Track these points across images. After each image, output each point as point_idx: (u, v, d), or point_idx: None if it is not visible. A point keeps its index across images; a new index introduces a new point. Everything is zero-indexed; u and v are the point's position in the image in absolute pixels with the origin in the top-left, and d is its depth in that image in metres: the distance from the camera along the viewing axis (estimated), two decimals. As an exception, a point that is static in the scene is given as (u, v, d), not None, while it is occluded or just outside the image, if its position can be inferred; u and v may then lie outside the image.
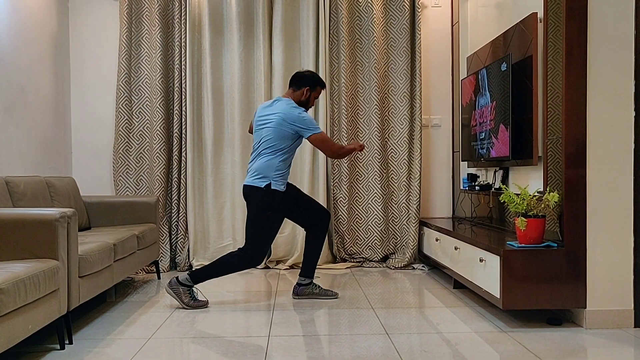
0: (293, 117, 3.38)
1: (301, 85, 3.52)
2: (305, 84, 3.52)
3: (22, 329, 2.22)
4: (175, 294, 3.37)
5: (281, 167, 3.40)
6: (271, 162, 3.39)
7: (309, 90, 3.52)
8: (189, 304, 3.37)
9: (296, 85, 3.53)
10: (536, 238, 2.88)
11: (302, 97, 3.51)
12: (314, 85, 3.54)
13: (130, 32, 4.67)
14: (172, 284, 3.38)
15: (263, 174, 3.38)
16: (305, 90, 3.51)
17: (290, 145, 3.42)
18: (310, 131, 3.39)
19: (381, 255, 4.75)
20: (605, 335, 2.75)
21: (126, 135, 4.67)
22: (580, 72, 2.84)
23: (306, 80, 3.53)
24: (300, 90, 3.52)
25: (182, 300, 3.37)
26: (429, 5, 4.94)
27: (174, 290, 3.37)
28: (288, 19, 4.70)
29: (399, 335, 2.77)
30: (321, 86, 3.59)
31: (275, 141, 3.39)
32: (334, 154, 3.52)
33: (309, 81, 3.53)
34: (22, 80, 3.96)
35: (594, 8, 2.84)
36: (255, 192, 3.38)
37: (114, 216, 4.18)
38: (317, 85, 3.56)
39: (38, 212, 2.59)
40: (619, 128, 2.86)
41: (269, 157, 3.39)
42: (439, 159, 5.00)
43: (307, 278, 3.60)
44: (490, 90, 3.81)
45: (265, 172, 3.38)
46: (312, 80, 3.54)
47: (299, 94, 3.52)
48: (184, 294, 3.37)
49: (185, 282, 3.38)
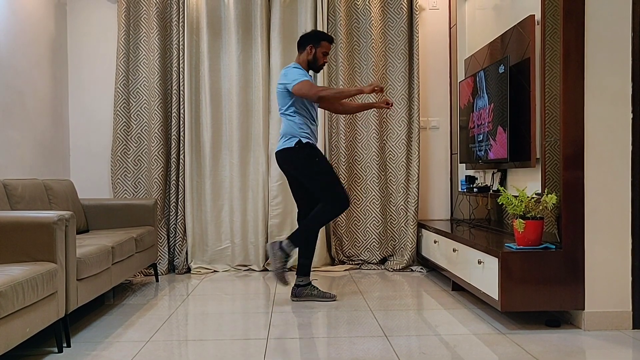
0: (281, 76, 3.45)
1: (305, 45, 3.52)
2: (308, 42, 3.51)
3: (20, 332, 2.21)
4: (273, 255, 3.41)
5: (302, 123, 3.44)
6: (289, 123, 3.46)
7: (313, 47, 3.50)
8: (277, 270, 3.41)
9: (301, 47, 3.55)
10: (534, 240, 2.88)
11: (308, 56, 3.51)
12: (317, 41, 3.50)
13: (128, 35, 4.67)
14: (274, 246, 3.42)
15: (288, 134, 3.46)
16: (309, 48, 3.50)
17: (293, 103, 3.44)
18: (292, 83, 3.38)
19: (379, 258, 4.75)
20: (604, 336, 2.75)
21: (124, 137, 4.67)
22: (577, 74, 2.84)
23: (308, 38, 3.53)
24: (305, 50, 3.52)
25: (275, 265, 3.41)
26: (426, 8, 4.95)
27: (274, 253, 3.41)
28: (286, 21, 4.71)
29: (397, 338, 2.77)
30: (327, 40, 3.53)
31: (281, 105, 3.49)
32: (314, 97, 3.40)
33: (311, 38, 3.52)
34: (20, 83, 3.96)
35: (591, 10, 2.84)
36: (290, 153, 3.42)
37: (112, 219, 4.18)
38: (321, 40, 3.51)
39: (36, 215, 2.59)
40: (616, 130, 2.86)
41: (285, 120, 3.49)
42: (437, 161, 5.01)
43: (305, 277, 3.59)
44: (488, 93, 3.81)
45: (290, 132, 3.45)
46: (314, 36, 3.52)
47: (304, 55, 3.53)
48: (280, 260, 3.41)
49: (286, 249, 3.41)
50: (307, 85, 3.39)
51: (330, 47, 3.60)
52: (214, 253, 4.71)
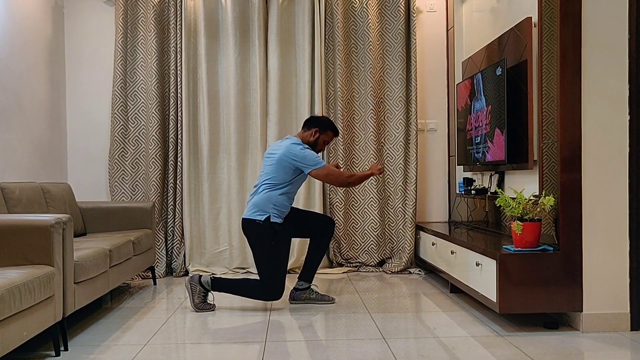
0: (293, 152, 3.40)
1: (311, 126, 3.56)
2: (315, 125, 3.55)
3: (17, 335, 2.21)
4: (191, 290, 3.41)
5: (280, 200, 3.41)
6: (269, 195, 3.40)
7: (318, 131, 3.54)
8: (197, 306, 3.40)
9: (307, 126, 3.58)
10: (532, 242, 2.88)
11: (310, 137, 3.54)
12: (324, 128, 3.56)
13: (126, 38, 4.67)
14: (193, 280, 3.42)
15: (261, 207, 3.40)
16: (314, 131, 3.53)
17: (290, 181, 3.42)
18: (310, 167, 3.39)
19: (378, 260, 4.75)
20: (602, 338, 2.75)
21: (122, 140, 4.66)
22: (574, 76, 2.85)
23: (317, 122, 3.59)
24: (309, 130, 3.55)
25: (193, 300, 3.41)
26: (424, 10, 4.96)
27: (192, 287, 3.41)
28: (283, 24, 4.71)
29: (395, 340, 2.77)
30: (333, 131, 3.59)
31: (275, 176, 3.41)
32: (343, 184, 3.54)
33: (320, 123, 3.57)
34: (17, 85, 3.95)
35: (588, 13, 2.85)
36: (255, 226, 3.39)
37: (110, 222, 4.17)
38: (328, 130, 3.57)
39: (33, 218, 2.58)
40: (613, 132, 2.87)
41: (268, 191, 3.41)
42: (434, 164, 5.01)
43: (306, 282, 3.60)
44: (486, 95, 3.82)
45: (263, 206, 3.39)
46: (322, 123, 3.58)
47: (308, 134, 3.55)
48: (198, 294, 3.41)
49: (205, 285, 3.41)
50: (332, 174, 3.43)
51: (332, 139, 3.66)
52: (212, 256, 4.71)
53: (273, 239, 3.38)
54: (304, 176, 3.48)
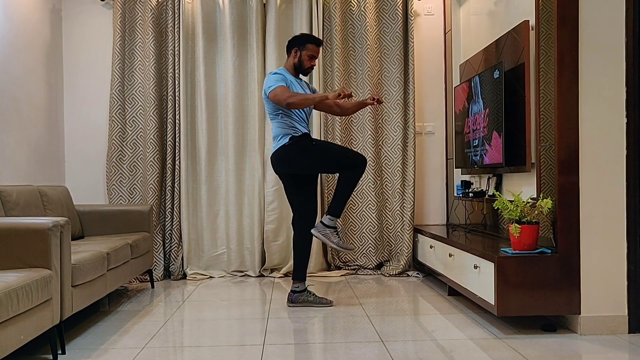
0: (265, 83, 3.45)
1: (290, 49, 3.52)
2: (293, 45, 3.50)
3: (14, 339, 2.20)
4: (323, 235, 3.41)
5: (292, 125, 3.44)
6: (278, 125, 3.46)
7: (297, 50, 3.48)
8: (338, 244, 3.41)
9: (287, 52, 3.56)
10: (530, 244, 2.89)
11: (294, 60, 3.50)
12: (302, 44, 3.47)
13: (124, 41, 4.67)
14: (319, 227, 3.42)
15: (281, 134, 3.46)
16: (294, 52, 3.49)
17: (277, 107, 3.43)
18: (268, 90, 3.38)
19: (376, 263, 4.75)
20: (600, 341, 2.75)
21: (120, 143, 4.66)
22: (572, 79, 2.85)
23: (293, 41, 3.52)
24: (290, 54, 3.52)
25: (332, 241, 3.41)
26: (421, 13, 4.97)
27: (322, 233, 3.41)
28: (281, 27, 4.71)
29: (393, 343, 2.77)
30: (313, 42, 3.49)
31: (268, 110, 3.51)
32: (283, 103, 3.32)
33: (297, 41, 3.51)
34: (15, 88, 3.95)
35: (585, 16, 2.86)
36: (286, 151, 3.42)
37: (108, 225, 4.17)
38: (307, 42, 3.48)
39: (31, 222, 2.58)
40: (611, 134, 2.87)
41: (274, 124, 3.49)
42: (432, 166, 5.01)
43: (300, 283, 3.56)
44: (483, 98, 3.83)
45: (281, 133, 3.45)
46: (300, 39, 3.51)
47: (290, 59, 3.53)
48: (332, 235, 3.41)
49: (330, 223, 3.40)
50: (280, 92, 3.34)
51: (317, 50, 3.54)
52: (210, 259, 4.70)
53: (311, 141, 3.42)
54: None
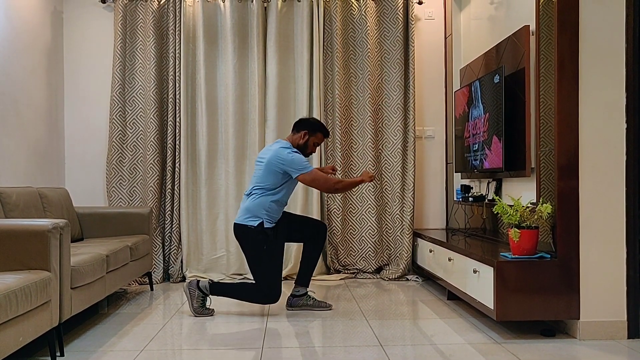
0: (281, 156, 3.37)
1: (300, 129, 3.53)
2: (304, 128, 3.53)
3: (13, 341, 2.20)
4: (190, 294, 3.43)
5: (272, 207, 3.41)
6: (261, 201, 3.40)
7: (307, 134, 3.51)
8: (196, 311, 3.42)
9: (296, 129, 3.56)
10: (529, 249, 2.89)
11: (300, 140, 3.51)
12: (313, 130, 3.53)
13: (125, 43, 4.68)
14: (192, 285, 3.44)
15: (254, 213, 3.40)
16: (304, 134, 3.51)
17: (280, 185, 3.41)
18: (298, 171, 3.36)
19: (375, 267, 4.75)
20: (599, 346, 2.75)
21: (120, 146, 4.66)
22: (572, 84, 2.86)
23: (306, 124, 3.56)
24: (299, 133, 3.53)
25: (192, 304, 3.42)
26: (422, 18, 4.98)
27: (190, 292, 3.43)
28: (282, 30, 4.72)
29: (392, 347, 2.77)
30: (322, 133, 3.56)
31: (265, 181, 3.41)
32: (330, 190, 3.51)
33: (309, 125, 3.54)
34: (15, 90, 3.95)
35: (585, 21, 2.87)
36: (247, 231, 3.39)
37: (107, 227, 4.16)
38: (318, 132, 3.54)
39: (30, 223, 2.58)
40: (610, 140, 2.88)
41: (260, 196, 3.41)
42: (432, 171, 5.01)
43: (303, 287, 3.60)
44: (483, 102, 3.83)
45: (256, 211, 3.39)
46: (312, 125, 3.55)
47: (297, 137, 3.53)
48: (197, 299, 3.42)
49: (204, 290, 3.43)
50: (319, 179, 3.39)
51: (323, 140, 3.62)
52: (209, 262, 4.70)
53: (266, 244, 3.38)
54: (295, 181, 3.47)
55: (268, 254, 3.38)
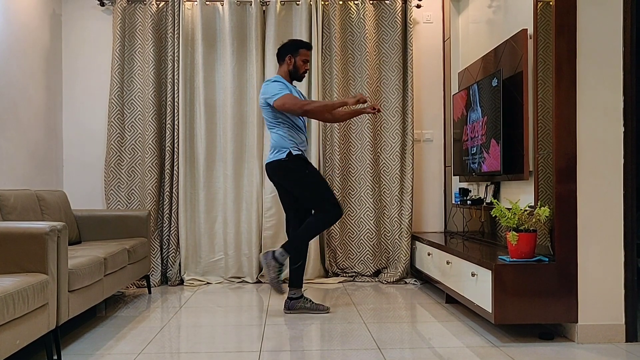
0: (262, 91, 3.45)
1: (283, 56, 3.53)
2: (286, 52, 3.53)
3: (10, 344, 2.19)
4: (266, 264, 3.42)
5: (292, 134, 3.45)
6: (279, 133, 3.46)
7: (292, 56, 3.51)
8: (272, 280, 3.41)
9: (280, 59, 3.56)
10: (528, 252, 2.89)
11: (288, 67, 3.52)
12: (295, 50, 3.51)
13: (123, 46, 4.68)
14: (267, 255, 3.43)
15: (278, 146, 3.46)
16: (288, 59, 3.51)
17: (278, 116, 3.44)
18: (272, 99, 3.39)
19: (373, 270, 4.74)
20: (597, 349, 2.75)
21: (118, 148, 4.66)
22: (570, 88, 2.87)
23: (285, 48, 3.55)
24: (284, 62, 3.53)
25: (270, 274, 3.41)
26: (420, 22, 4.99)
27: (267, 262, 3.42)
28: (281, 33, 4.73)
29: (391, 350, 2.76)
30: (305, 47, 3.53)
31: (267, 118, 3.50)
32: (300, 111, 3.39)
33: (289, 47, 3.54)
34: (14, 93, 3.95)
35: (583, 25, 2.87)
36: (281, 165, 3.43)
37: (105, 230, 4.16)
38: (299, 48, 3.52)
39: (28, 226, 2.57)
40: (608, 143, 2.88)
41: (273, 132, 3.49)
42: (431, 174, 5.02)
43: (298, 289, 3.58)
44: (482, 106, 3.84)
45: (280, 144, 3.45)
46: (291, 46, 3.54)
47: (284, 67, 3.54)
48: (273, 269, 3.41)
49: (280, 258, 3.41)
50: (290, 100, 3.37)
51: (309, 54, 3.58)
52: (207, 265, 4.69)
53: (305, 167, 3.42)
54: None
55: (312, 176, 3.42)
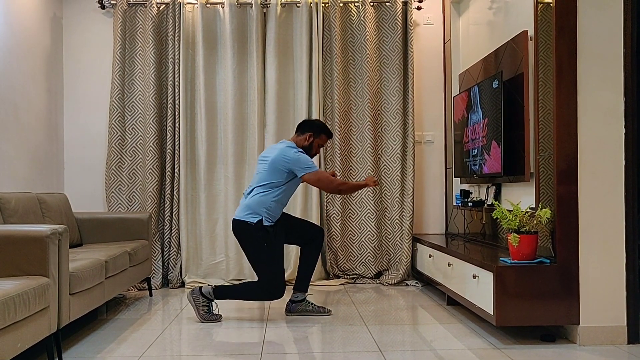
0: (287, 154, 3.40)
1: (305, 131, 3.56)
2: (309, 130, 3.56)
3: (11, 347, 2.19)
4: (194, 303, 3.43)
5: (272, 206, 3.42)
6: (263, 199, 3.41)
7: (312, 135, 3.54)
8: (203, 317, 3.42)
9: (301, 130, 3.58)
10: (529, 254, 2.88)
11: (304, 142, 3.54)
12: (318, 132, 3.56)
13: (124, 49, 4.68)
14: (194, 292, 3.44)
15: (254, 210, 3.40)
16: (308, 136, 3.54)
17: (283, 184, 3.42)
18: (304, 170, 3.39)
19: (374, 272, 4.74)
20: (599, 351, 2.74)
21: (119, 151, 4.66)
22: (570, 89, 2.86)
23: (311, 126, 3.59)
24: (303, 135, 3.55)
25: (199, 312, 3.42)
26: (421, 23, 4.99)
27: (195, 300, 3.43)
28: (281, 36, 4.73)
29: (392, 353, 2.76)
30: (327, 135, 3.60)
31: (268, 179, 3.42)
32: (333, 190, 3.52)
33: (314, 127, 3.57)
34: (15, 96, 3.96)
35: (583, 27, 2.87)
36: (247, 228, 3.39)
37: (106, 232, 4.16)
38: (322, 133, 3.58)
39: (29, 229, 2.57)
40: (609, 145, 2.88)
41: (262, 195, 3.42)
42: (431, 176, 5.01)
43: (301, 293, 3.59)
44: (482, 107, 3.83)
45: (256, 209, 3.40)
46: (317, 127, 3.58)
47: (302, 139, 3.55)
48: (202, 306, 3.42)
49: (207, 295, 3.42)
50: (327, 178, 3.44)
51: (326, 142, 3.65)
52: (208, 267, 4.69)
53: (266, 240, 3.38)
54: (297, 181, 3.47)
55: (269, 251, 3.39)
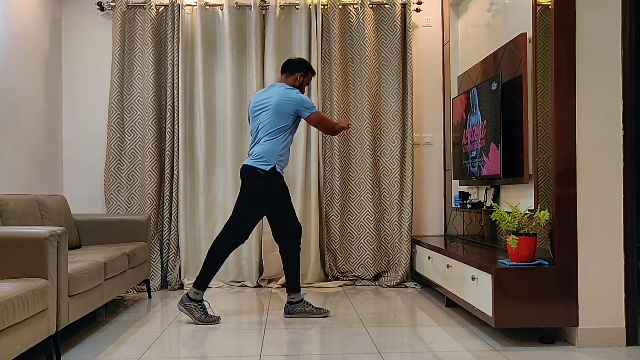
0: (291, 96, 3.45)
1: (294, 71, 3.60)
2: (298, 70, 3.59)
3: (9, 349, 2.19)
4: (187, 310, 3.42)
5: (283, 152, 3.47)
6: (273, 147, 3.44)
7: (302, 75, 3.60)
8: (200, 319, 3.40)
9: (289, 71, 3.61)
10: (528, 256, 2.89)
11: (295, 82, 3.59)
12: (305, 71, 3.62)
13: (123, 50, 4.69)
14: (183, 301, 3.43)
15: (266, 158, 3.43)
16: (299, 76, 3.59)
17: (289, 127, 3.47)
18: (309, 111, 3.47)
19: (373, 274, 4.74)
20: (598, 353, 2.74)
21: (118, 153, 4.66)
22: (569, 91, 2.87)
23: (299, 66, 3.61)
24: (293, 75, 3.59)
25: (194, 316, 3.41)
26: (420, 25, 5.00)
27: (185, 307, 3.42)
28: (280, 37, 4.74)
29: (391, 355, 2.76)
30: (312, 73, 3.67)
31: (274, 124, 3.45)
32: (330, 131, 3.60)
33: (302, 67, 3.61)
34: (14, 97, 3.96)
35: (582, 28, 2.88)
36: (256, 174, 3.41)
37: (105, 234, 4.16)
38: (309, 72, 3.64)
39: (28, 231, 2.57)
40: (608, 147, 2.88)
41: (270, 142, 3.45)
42: (430, 177, 5.02)
43: (296, 293, 3.59)
44: (481, 109, 3.84)
45: (269, 157, 3.43)
46: (304, 66, 3.62)
47: (292, 79, 3.59)
48: (196, 310, 3.41)
49: (195, 297, 3.41)
50: (325, 119, 3.55)
51: (311, 80, 3.73)
52: (207, 269, 4.68)
53: (265, 191, 3.41)
54: (298, 123, 3.53)
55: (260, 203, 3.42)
